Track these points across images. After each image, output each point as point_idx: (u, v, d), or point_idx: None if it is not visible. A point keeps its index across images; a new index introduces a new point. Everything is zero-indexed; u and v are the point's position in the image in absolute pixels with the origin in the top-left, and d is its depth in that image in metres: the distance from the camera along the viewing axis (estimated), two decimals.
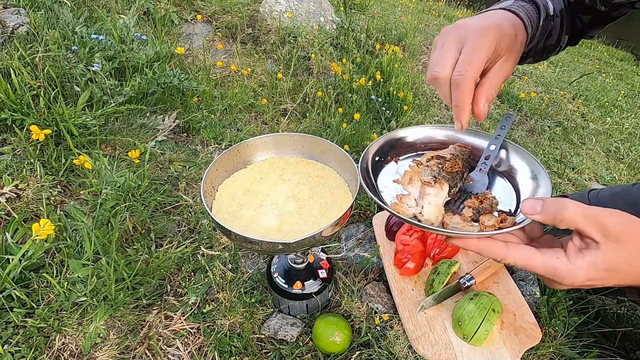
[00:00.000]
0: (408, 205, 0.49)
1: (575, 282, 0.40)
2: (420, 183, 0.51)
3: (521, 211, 0.42)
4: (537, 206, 0.39)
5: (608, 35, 5.83)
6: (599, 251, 0.38)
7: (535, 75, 2.85)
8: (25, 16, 1.32)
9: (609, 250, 0.38)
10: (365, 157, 0.56)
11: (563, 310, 0.80)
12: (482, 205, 0.48)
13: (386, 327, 0.78)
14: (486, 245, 0.42)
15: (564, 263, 0.40)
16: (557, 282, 0.41)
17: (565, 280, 0.40)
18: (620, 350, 0.78)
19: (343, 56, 1.88)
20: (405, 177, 0.52)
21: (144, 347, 0.74)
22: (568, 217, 0.38)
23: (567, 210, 0.38)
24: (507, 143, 0.57)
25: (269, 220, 0.62)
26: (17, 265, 0.76)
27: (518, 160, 0.55)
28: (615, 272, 0.39)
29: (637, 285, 0.43)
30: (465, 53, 0.45)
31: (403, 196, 0.50)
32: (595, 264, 0.39)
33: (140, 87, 1.27)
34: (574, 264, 0.39)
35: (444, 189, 0.50)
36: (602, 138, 2.22)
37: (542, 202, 0.40)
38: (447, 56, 0.46)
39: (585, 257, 0.39)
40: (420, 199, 0.49)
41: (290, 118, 1.52)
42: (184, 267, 0.88)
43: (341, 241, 1.00)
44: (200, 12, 2.08)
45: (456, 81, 0.45)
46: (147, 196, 0.99)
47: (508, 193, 0.53)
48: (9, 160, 0.97)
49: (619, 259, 0.39)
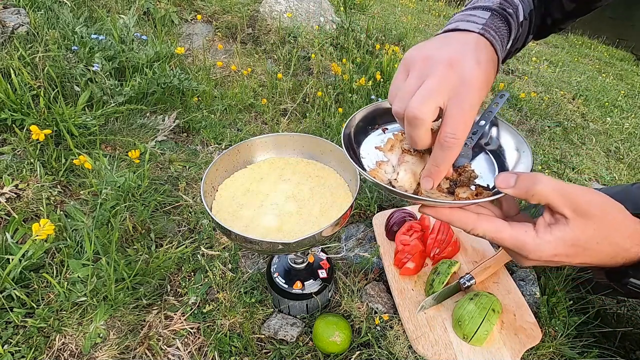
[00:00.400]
0: (385, 172, 0.49)
1: (542, 256, 0.40)
2: (400, 151, 0.50)
3: (495, 184, 0.41)
4: (510, 180, 0.39)
5: (608, 35, 5.83)
6: (567, 227, 0.38)
7: (535, 75, 2.85)
8: (25, 16, 1.32)
9: (577, 226, 0.38)
10: (350, 123, 0.54)
11: (563, 310, 0.80)
12: (460, 177, 0.47)
13: (386, 327, 0.78)
14: (458, 216, 0.41)
15: (531, 237, 0.40)
16: (524, 256, 0.41)
17: (531, 254, 0.40)
18: (620, 350, 0.78)
19: (343, 56, 1.88)
20: (387, 145, 0.51)
21: (144, 347, 0.74)
22: (539, 191, 0.38)
23: (539, 184, 0.38)
24: (500, 122, 0.56)
25: (269, 220, 0.62)
26: (17, 265, 0.76)
27: (507, 139, 0.54)
28: (582, 249, 0.39)
29: (604, 266, 0.43)
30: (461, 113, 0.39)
31: (382, 163, 0.50)
32: (563, 239, 0.38)
33: (140, 87, 1.27)
34: (541, 238, 0.39)
35: (424, 159, 0.49)
36: (602, 138, 2.22)
37: (517, 176, 0.39)
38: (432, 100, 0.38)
39: (553, 232, 0.39)
40: (397, 166, 0.49)
41: (290, 118, 1.52)
42: (184, 267, 0.88)
43: (341, 241, 1.00)
44: (200, 12, 2.08)
45: (448, 144, 0.39)
46: (147, 196, 0.99)
47: (490, 169, 0.52)
48: (9, 160, 0.97)
49: (586, 236, 0.38)
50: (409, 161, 0.48)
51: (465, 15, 0.49)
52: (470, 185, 0.46)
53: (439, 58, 0.40)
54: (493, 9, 0.50)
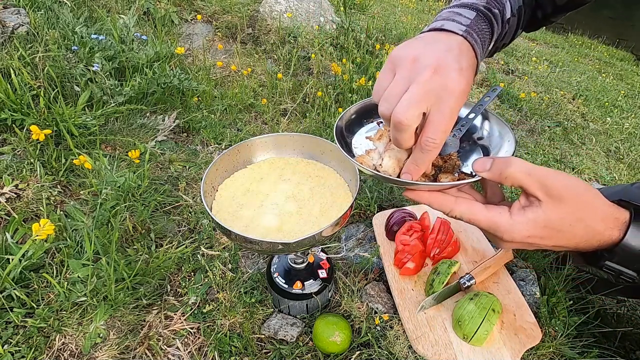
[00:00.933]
0: (372, 158, 0.51)
1: (515, 237, 0.41)
2: (388, 139, 0.51)
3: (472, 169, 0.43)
4: (486, 164, 0.40)
5: (608, 35, 5.83)
6: (540, 209, 0.39)
7: (535, 75, 2.85)
8: (25, 16, 1.32)
9: (550, 209, 0.39)
10: (344, 115, 0.56)
11: (563, 310, 0.80)
12: (445, 164, 0.49)
13: (386, 327, 0.78)
14: (436, 198, 0.43)
15: (505, 218, 0.41)
16: (498, 237, 0.42)
17: (505, 235, 0.41)
18: (620, 350, 0.79)
19: (343, 56, 1.88)
20: (377, 134, 0.54)
21: (144, 347, 0.74)
22: (511, 174, 0.39)
23: (511, 167, 0.39)
24: (491, 116, 0.57)
25: (269, 220, 0.62)
26: (17, 265, 0.76)
27: (495, 130, 0.55)
28: (556, 232, 0.40)
29: (579, 250, 0.44)
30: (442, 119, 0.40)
31: (370, 150, 0.52)
32: (536, 221, 0.40)
33: (140, 87, 1.27)
34: (514, 219, 0.41)
35: None
36: (602, 138, 2.22)
37: (492, 160, 0.41)
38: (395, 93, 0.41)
39: (526, 214, 0.40)
40: (383, 153, 0.50)
41: (290, 118, 1.52)
42: (184, 267, 0.88)
43: (341, 241, 1.00)
44: (200, 12, 2.08)
45: (428, 147, 0.41)
46: (147, 196, 0.99)
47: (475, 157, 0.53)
48: (9, 160, 0.97)
49: (559, 218, 0.39)
50: (394, 148, 0.49)
51: (452, 13, 0.50)
52: (454, 172, 0.48)
53: (424, 62, 0.41)
54: (479, 9, 0.51)
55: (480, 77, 2.42)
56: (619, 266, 0.43)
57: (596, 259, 0.44)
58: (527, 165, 0.39)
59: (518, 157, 0.43)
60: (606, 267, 0.44)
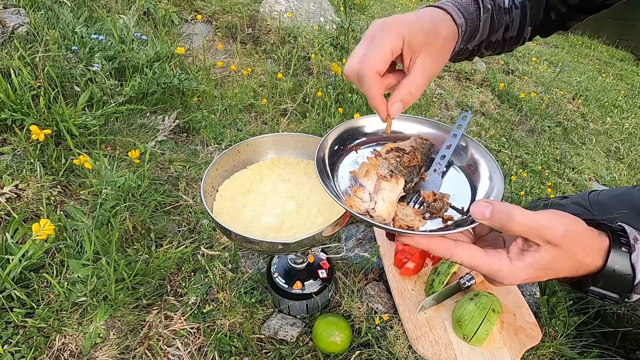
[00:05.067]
0: (362, 200, 0.49)
1: (514, 282, 0.43)
2: (377, 177, 0.50)
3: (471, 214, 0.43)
4: (486, 212, 0.41)
5: (608, 35, 5.82)
6: (538, 253, 0.41)
7: (535, 75, 2.85)
8: (25, 16, 1.32)
9: (549, 253, 0.41)
10: (322, 145, 0.53)
11: (563, 310, 0.80)
12: (434, 203, 0.49)
13: (386, 327, 0.78)
14: (436, 244, 0.43)
15: (505, 265, 0.42)
16: (498, 281, 0.44)
17: (505, 280, 0.43)
18: (620, 350, 0.79)
19: (343, 56, 1.88)
20: (362, 169, 0.51)
21: (144, 347, 0.74)
22: (512, 228, 0.40)
23: (512, 222, 0.40)
24: (466, 138, 0.57)
25: (269, 220, 0.62)
26: (17, 265, 0.76)
27: (476, 157, 0.55)
28: (550, 270, 0.42)
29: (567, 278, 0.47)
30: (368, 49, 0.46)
31: (357, 189, 0.50)
32: (534, 265, 0.42)
33: (140, 87, 1.27)
34: (514, 265, 0.42)
35: (399, 184, 0.50)
36: (602, 138, 2.22)
37: (492, 207, 0.41)
38: (354, 54, 0.47)
39: (526, 259, 0.42)
40: (374, 193, 0.49)
41: (290, 118, 1.52)
42: (184, 267, 0.88)
43: (341, 241, 1.00)
44: (200, 12, 2.08)
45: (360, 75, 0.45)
46: (147, 196, 0.99)
47: (463, 189, 0.53)
48: (9, 160, 0.97)
49: (555, 260, 0.42)
50: (385, 188, 0.48)
51: None
52: (440, 214, 0.48)
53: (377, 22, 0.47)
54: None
55: (480, 77, 2.42)
56: (603, 290, 0.45)
57: (581, 285, 0.47)
58: (527, 219, 0.40)
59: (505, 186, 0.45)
60: (591, 292, 0.46)
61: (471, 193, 0.53)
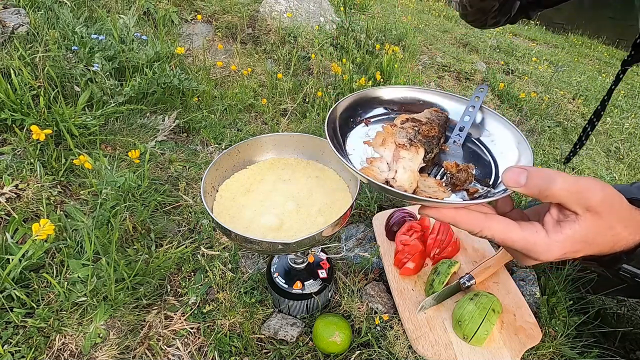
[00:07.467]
0: (380, 170, 0.44)
1: (551, 257, 0.39)
2: (395, 145, 0.46)
3: (502, 181, 0.38)
4: (521, 178, 0.36)
5: (608, 35, 5.82)
6: (577, 223, 0.37)
7: (535, 75, 2.85)
8: (25, 16, 1.32)
9: (588, 223, 0.37)
10: (332, 114, 0.49)
11: (563, 310, 0.80)
12: (458, 174, 0.44)
13: (386, 327, 0.78)
14: (462, 216, 0.38)
15: (542, 238, 0.38)
16: (533, 257, 0.39)
17: (542, 255, 0.38)
18: (620, 350, 0.79)
19: (343, 56, 1.88)
20: (378, 139, 0.47)
21: (144, 347, 0.74)
22: (554, 193, 0.36)
23: (554, 186, 0.36)
24: (484, 109, 0.53)
25: (269, 220, 0.62)
26: (17, 265, 0.76)
27: (498, 128, 0.51)
28: (589, 244, 0.39)
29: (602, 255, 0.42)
30: None
31: (374, 159, 0.46)
32: (573, 237, 0.37)
33: (140, 87, 1.27)
34: (551, 238, 0.38)
35: (420, 153, 0.46)
36: (602, 138, 2.22)
37: (527, 172, 0.36)
38: None
39: (564, 231, 0.38)
40: (393, 162, 0.45)
41: (290, 118, 1.52)
42: (184, 267, 0.88)
43: (341, 241, 1.00)
44: (200, 12, 2.08)
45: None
46: (147, 196, 0.99)
47: (484, 162, 0.49)
48: (9, 160, 0.97)
49: (594, 231, 0.38)
50: (405, 157, 0.44)
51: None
52: (465, 187, 0.44)
53: None
54: None
55: (480, 77, 2.42)
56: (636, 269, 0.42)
57: (614, 262, 0.43)
58: (569, 182, 0.36)
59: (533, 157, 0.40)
60: (623, 270, 0.42)
61: (494, 166, 0.48)
